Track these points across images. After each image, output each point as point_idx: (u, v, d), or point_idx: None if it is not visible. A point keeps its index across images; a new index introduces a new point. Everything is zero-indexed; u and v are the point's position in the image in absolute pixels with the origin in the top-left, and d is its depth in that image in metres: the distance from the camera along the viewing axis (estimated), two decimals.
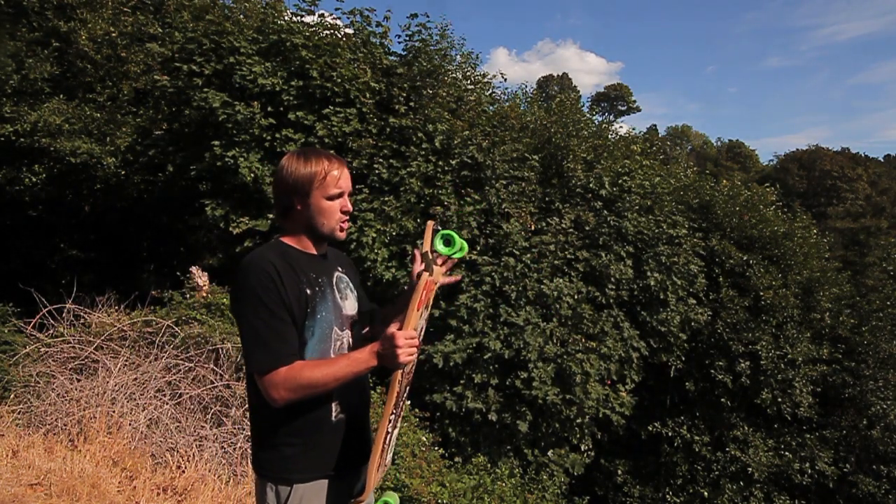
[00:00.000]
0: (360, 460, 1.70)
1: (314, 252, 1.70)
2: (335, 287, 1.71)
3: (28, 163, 9.69)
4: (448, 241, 1.66)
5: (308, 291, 1.59)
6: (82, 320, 5.62)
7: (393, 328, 1.56)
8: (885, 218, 31.34)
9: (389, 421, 1.60)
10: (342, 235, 1.71)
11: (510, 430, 7.71)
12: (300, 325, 1.57)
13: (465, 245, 1.75)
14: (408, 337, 1.51)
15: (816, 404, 10.23)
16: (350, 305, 1.74)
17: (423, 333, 1.80)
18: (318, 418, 1.60)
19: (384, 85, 8.33)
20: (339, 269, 1.78)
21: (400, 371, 1.57)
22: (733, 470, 9.68)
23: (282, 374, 1.48)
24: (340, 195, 1.67)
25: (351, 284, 1.79)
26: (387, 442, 1.66)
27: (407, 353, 1.50)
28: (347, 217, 1.71)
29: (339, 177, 1.66)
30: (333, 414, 1.63)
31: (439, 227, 1.69)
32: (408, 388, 1.84)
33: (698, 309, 9.75)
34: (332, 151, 1.84)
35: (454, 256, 1.74)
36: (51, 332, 5.39)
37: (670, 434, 9.94)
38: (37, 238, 11.21)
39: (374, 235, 7.50)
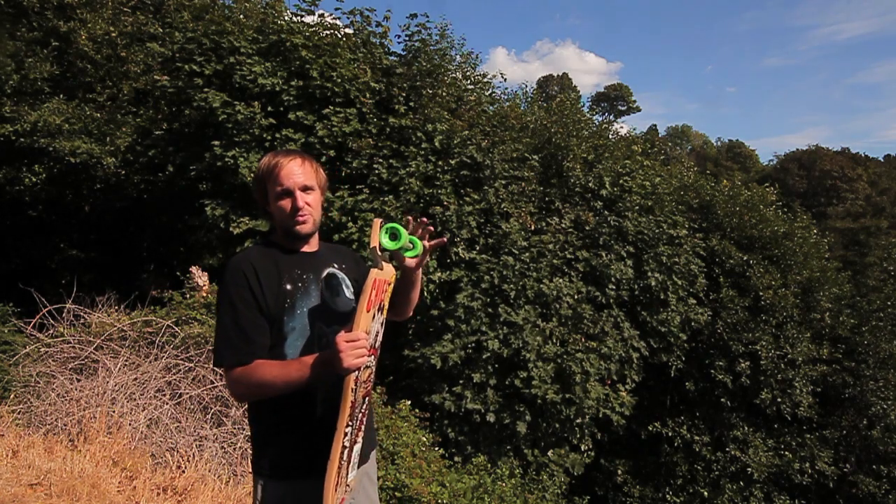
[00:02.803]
0: (355, 463, 1.70)
1: (299, 249, 1.70)
2: (324, 284, 1.68)
3: (28, 163, 9.69)
4: (394, 236, 1.58)
5: (288, 287, 1.60)
6: (82, 320, 5.62)
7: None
8: (885, 218, 31.32)
9: (346, 434, 1.51)
10: (303, 230, 1.65)
11: (510, 430, 7.71)
12: (279, 321, 1.58)
13: (418, 242, 1.67)
14: (350, 339, 1.43)
15: (816, 404, 10.23)
16: (343, 302, 1.71)
17: (380, 337, 1.68)
18: (301, 417, 1.61)
19: (384, 85, 8.32)
20: (335, 265, 1.75)
21: (352, 378, 1.48)
22: (733, 470, 9.68)
23: (238, 372, 1.52)
24: (287, 192, 1.63)
25: (347, 280, 1.75)
26: (344, 457, 1.56)
27: (351, 356, 1.42)
28: (300, 213, 1.63)
29: (279, 173, 1.63)
30: (317, 414, 1.62)
31: (387, 222, 1.63)
32: (367, 399, 1.70)
33: (698, 309, 9.75)
34: (292, 147, 1.82)
35: (408, 255, 1.67)
36: (51, 332, 5.39)
37: (670, 434, 9.94)
38: (37, 238, 11.21)
39: None
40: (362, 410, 1.65)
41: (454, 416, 7.61)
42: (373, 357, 1.62)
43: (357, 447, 1.68)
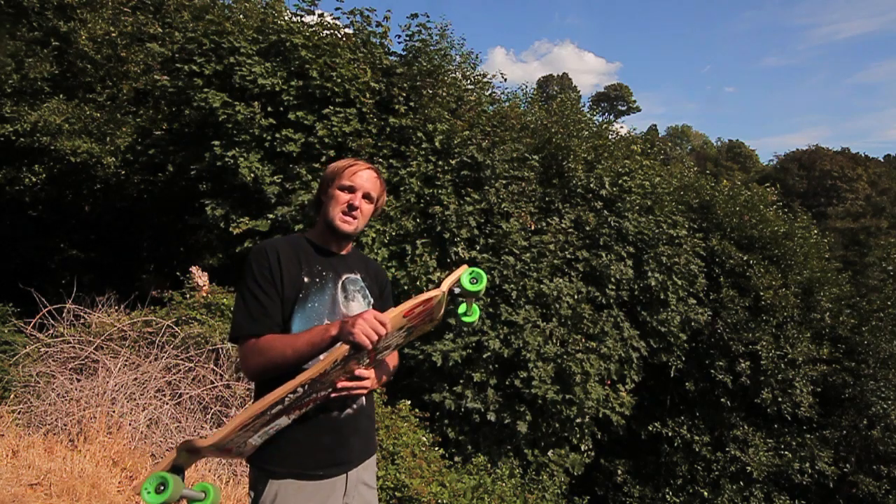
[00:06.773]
0: (344, 465, 1.67)
1: (330, 248, 1.77)
2: (341, 286, 1.72)
3: (28, 163, 9.69)
4: (476, 280, 1.68)
5: (305, 279, 1.65)
6: (82, 320, 5.61)
7: None
8: (885, 218, 31.34)
9: (296, 392, 1.40)
10: (344, 228, 1.73)
11: (510, 429, 7.71)
12: (290, 309, 1.61)
13: (476, 310, 1.85)
14: (379, 319, 1.42)
15: (816, 404, 10.22)
16: (356, 308, 1.73)
17: (385, 352, 1.67)
18: (311, 413, 1.60)
19: (384, 85, 8.32)
20: (357, 272, 1.80)
21: (340, 352, 1.41)
22: (733, 470, 9.67)
23: (251, 343, 1.55)
24: (351, 188, 1.74)
25: (366, 290, 1.79)
26: (275, 410, 1.43)
27: (363, 330, 1.39)
28: (352, 212, 1.73)
29: (354, 172, 1.74)
30: (312, 411, 1.61)
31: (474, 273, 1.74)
32: (314, 395, 1.52)
33: (698, 309, 9.74)
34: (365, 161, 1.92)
35: (464, 318, 1.82)
36: (51, 332, 5.38)
37: (670, 434, 9.94)
38: (37, 238, 11.21)
39: (374, 235, 7.50)
40: (305, 401, 1.53)
41: (454, 415, 7.61)
42: (367, 357, 1.56)
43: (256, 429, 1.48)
